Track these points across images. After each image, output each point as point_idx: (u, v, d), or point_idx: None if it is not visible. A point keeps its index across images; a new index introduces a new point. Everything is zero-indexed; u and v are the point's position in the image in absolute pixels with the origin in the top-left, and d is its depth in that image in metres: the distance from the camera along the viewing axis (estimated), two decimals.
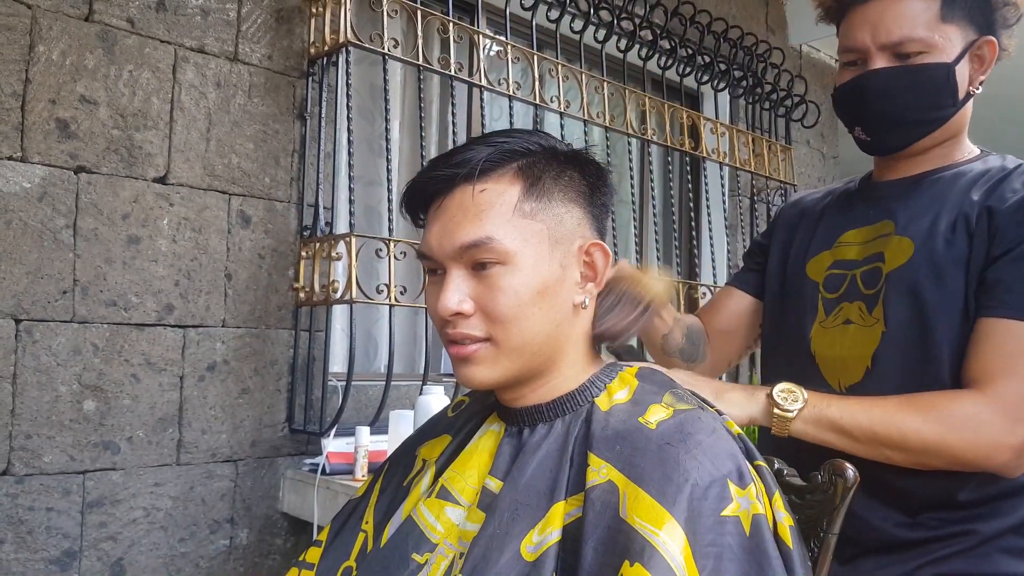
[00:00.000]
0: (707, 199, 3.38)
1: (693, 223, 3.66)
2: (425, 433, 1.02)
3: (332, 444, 2.18)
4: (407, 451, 1.02)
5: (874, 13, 1.14)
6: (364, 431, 2.10)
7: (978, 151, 1.23)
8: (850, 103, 1.20)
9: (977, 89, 1.17)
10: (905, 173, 1.24)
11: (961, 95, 1.15)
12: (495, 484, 0.84)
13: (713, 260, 3.27)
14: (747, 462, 0.80)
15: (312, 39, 2.37)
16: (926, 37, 1.11)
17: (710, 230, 3.33)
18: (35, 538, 1.89)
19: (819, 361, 1.23)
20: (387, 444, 2.13)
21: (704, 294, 3.20)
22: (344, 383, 2.19)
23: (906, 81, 1.13)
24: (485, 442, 0.90)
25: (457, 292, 0.83)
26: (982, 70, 1.16)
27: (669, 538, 0.70)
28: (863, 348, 1.16)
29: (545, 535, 0.77)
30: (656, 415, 0.81)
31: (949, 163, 1.20)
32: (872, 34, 1.14)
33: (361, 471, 2.08)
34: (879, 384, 1.14)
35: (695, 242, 3.78)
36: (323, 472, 2.12)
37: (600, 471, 0.78)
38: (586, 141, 2.84)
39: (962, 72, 1.13)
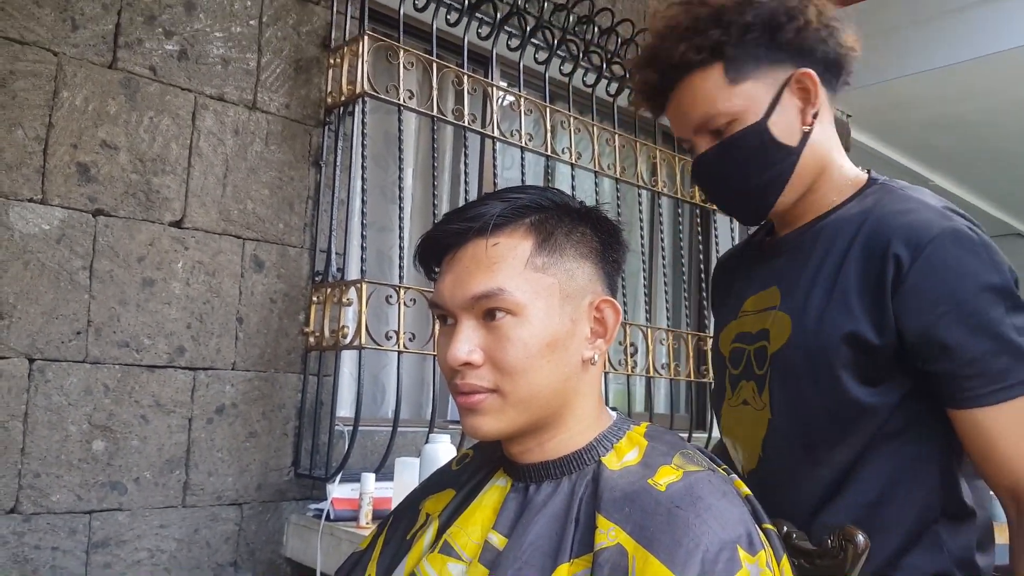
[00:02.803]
0: (717, 250, 3.40)
1: (703, 274, 3.67)
2: (429, 487, 1.02)
3: (337, 490, 2.17)
4: (411, 504, 1.02)
5: (678, 99, 1.07)
6: (369, 478, 2.09)
7: (862, 178, 1.10)
8: (700, 187, 1.15)
9: (809, 125, 1.05)
10: (791, 225, 1.13)
11: (792, 142, 1.04)
12: (498, 540, 0.84)
13: None
14: (756, 526, 0.80)
15: (329, 89, 2.42)
16: (725, 108, 1.03)
17: None
18: None
19: (728, 442, 1.18)
20: (392, 491, 2.12)
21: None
22: (351, 428, 2.19)
23: (727, 157, 1.06)
24: (490, 497, 0.90)
25: (467, 342, 0.84)
26: (812, 103, 1.04)
27: None
28: (755, 433, 1.09)
29: None
30: (666, 477, 0.81)
31: (829, 206, 1.08)
32: (684, 120, 1.08)
33: (365, 518, 2.07)
34: (771, 474, 1.06)
35: (705, 293, 3.79)
36: (327, 518, 2.11)
37: (609, 533, 0.77)
38: (597, 192, 2.87)
39: (782, 120, 1.03)
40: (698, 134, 1.07)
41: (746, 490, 0.86)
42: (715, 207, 1.11)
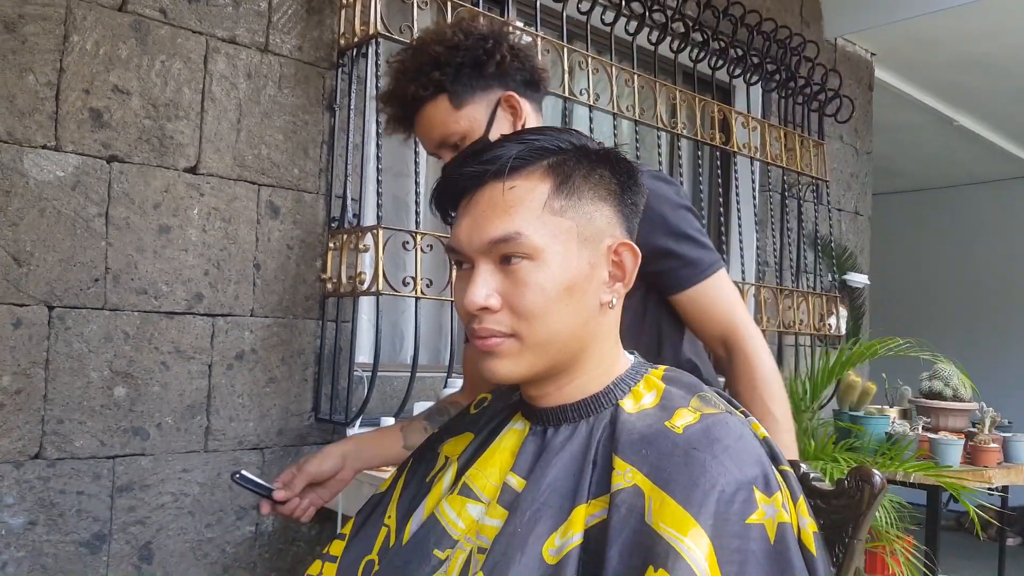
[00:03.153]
0: (737, 194, 3.36)
1: (723, 218, 3.64)
2: (448, 430, 1.03)
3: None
4: (430, 447, 1.02)
5: (420, 124, 1.32)
6: (389, 422, 2.11)
7: None
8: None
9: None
10: None
11: None
12: (517, 481, 0.85)
13: (742, 256, 3.24)
14: (773, 467, 0.80)
15: (342, 30, 2.38)
16: (455, 128, 1.29)
17: (740, 226, 3.30)
18: (66, 521, 1.92)
19: None
20: None
21: None
22: (370, 373, 2.20)
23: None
24: (508, 440, 0.90)
25: (484, 287, 0.83)
26: (519, 116, 1.31)
27: (694, 544, 0.70)
28: None
29: (567, 538, 0.77)
30: (683, 419, 0.81)
31: None
32: (428, 139, 1.33)
33: None
34: None
35: (724, 237, 3.76)
36: None
37: (625, 475, 0.78)
38: (615, 135, 2.83)
39: (499, 130, 1.28)
40: (440, 149, 1.33)
41: (763, 432, 0.86)
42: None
